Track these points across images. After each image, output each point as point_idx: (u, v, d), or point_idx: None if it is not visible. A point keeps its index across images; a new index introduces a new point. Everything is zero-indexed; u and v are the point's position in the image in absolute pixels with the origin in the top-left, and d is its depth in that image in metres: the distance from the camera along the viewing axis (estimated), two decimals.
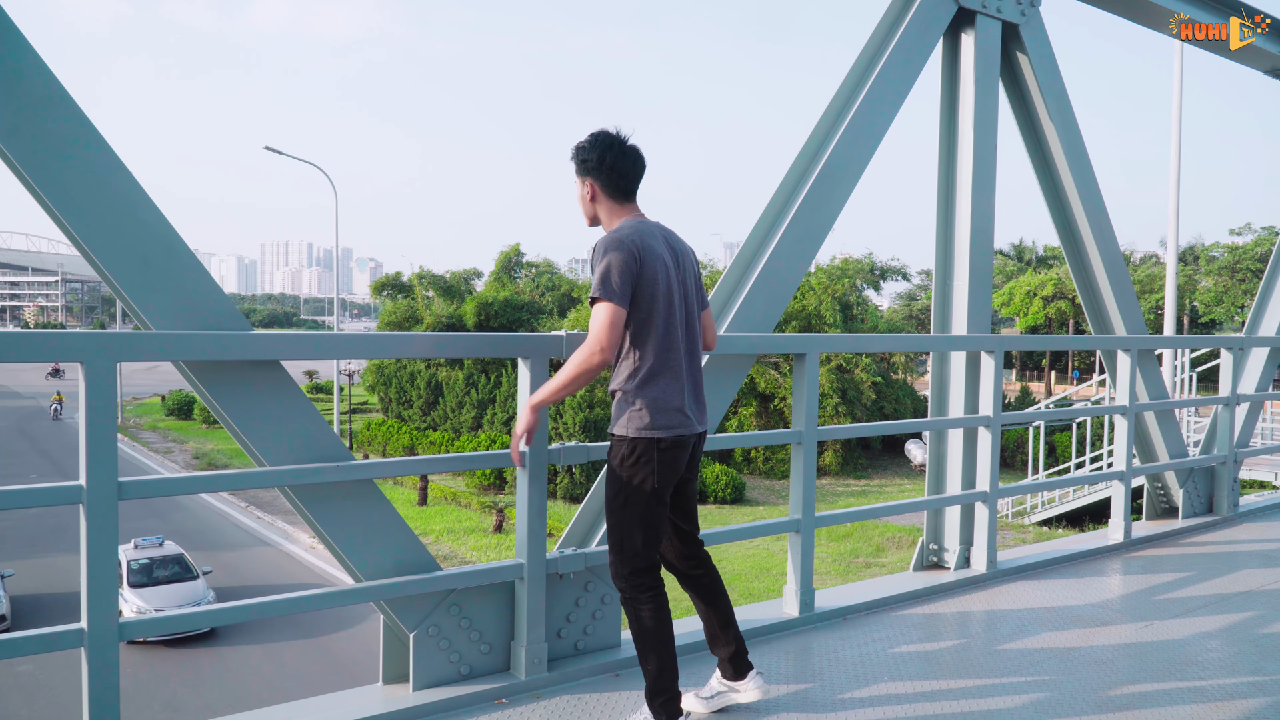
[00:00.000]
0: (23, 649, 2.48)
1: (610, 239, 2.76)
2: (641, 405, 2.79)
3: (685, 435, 2.85)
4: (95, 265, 2.62)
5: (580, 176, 2.92)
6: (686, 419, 2.85)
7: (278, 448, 2.83)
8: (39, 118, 2.48)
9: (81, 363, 2.44)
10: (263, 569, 21.06)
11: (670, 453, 2.82)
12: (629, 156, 2.88)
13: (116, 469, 2.50)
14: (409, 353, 3.14)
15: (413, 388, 37.27)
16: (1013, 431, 29.79)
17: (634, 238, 2.76)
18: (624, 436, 2.82)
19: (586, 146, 2.89)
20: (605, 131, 2.91)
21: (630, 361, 2.80)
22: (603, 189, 2.88)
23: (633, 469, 2.81)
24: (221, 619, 2.82)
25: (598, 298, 2.69)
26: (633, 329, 2.78)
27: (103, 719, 2.52)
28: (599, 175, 2.87)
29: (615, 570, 2.88)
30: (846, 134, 4.23)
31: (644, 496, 2.82)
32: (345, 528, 2.99)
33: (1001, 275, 53.66)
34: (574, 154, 2.92)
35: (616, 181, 2.87)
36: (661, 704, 2.84)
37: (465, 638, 3.20)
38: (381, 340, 3.28)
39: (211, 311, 2.76)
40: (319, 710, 3.00)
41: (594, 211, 2.93)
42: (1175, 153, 13.48)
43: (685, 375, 2.87)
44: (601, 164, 2.86)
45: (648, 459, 2.79)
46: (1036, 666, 3.62)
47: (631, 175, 2.89)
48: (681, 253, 2.95)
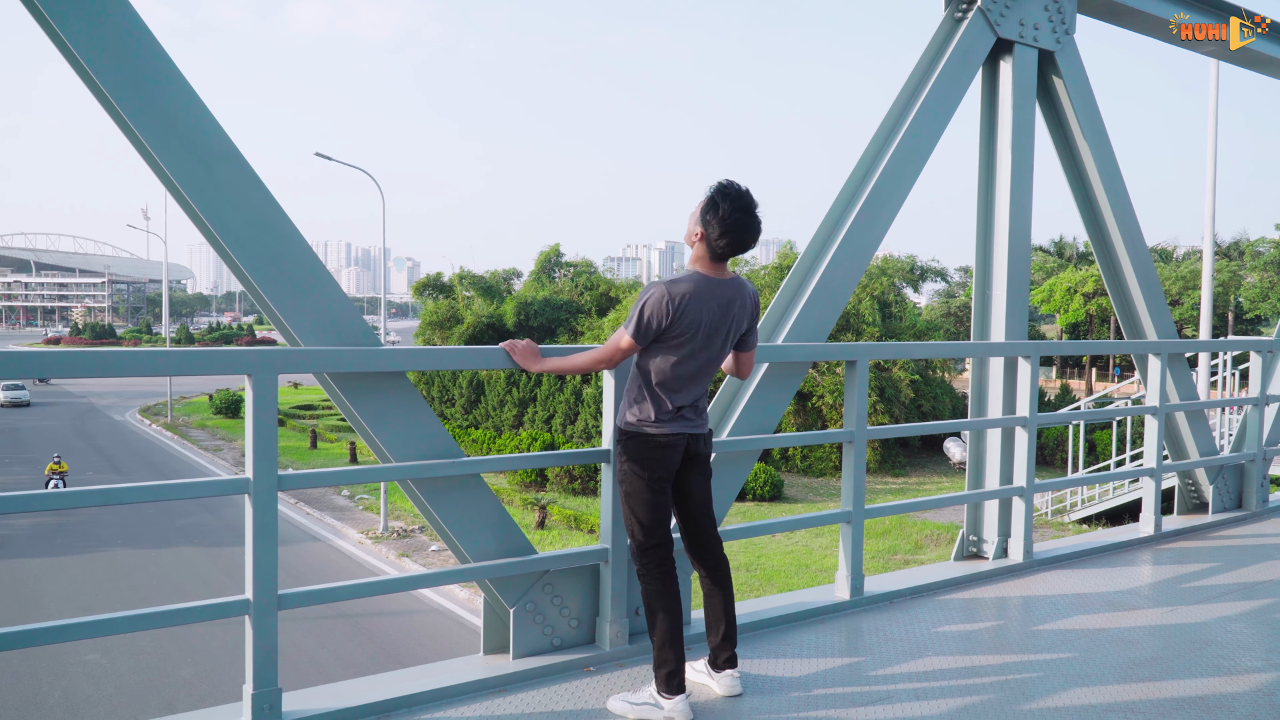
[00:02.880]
0: (197, 616, 2.96)
1: (661, 283, 3.16)
2: (645, 404, 3.24)
3: (676, 434, 3.24)
4: (253, 291, 3.08)
5: (701, 216, 3.16)
6: (684, 423, 3.26)
7: (403, 446, 3.28)
8: (214, 169, 2.95)
9: (249, 375, 2.90)
10: (314, 564, 21.70)
11: (660, 449, 3.23)
12: (745, 231, 3.13)
13: (276, 464, 2.96)
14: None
15: (455, 386, 37.96)
16: (1053, 430, 29.86)
17: (679, 291, 3.10)
18: (624, 427, 3.28)
19: (717, 202, 3.12)
20: (739, 194, 3.13)
21: (640, 371, 3.25)
22: (707, 243, 3.17)
23: (631, 459, 3.25)
24: (364, 592, 3.27)
25: (626, 328, 3.17)
26: (655, 358, 3.20)
27: (264, 676, 2.97)
28: (711, 232, 3.13)
29: (630, 550, 3.34)
30: (892, 160, 4.62)
31: (639, 486, 3.24)
32: (457, 516, 3.43)
33: (1042, 272, 53.43)
34: (710, 194, 3.15)
35: (720, 248, 3.15)
36: (665, 675, 3.19)
37: (557, 613, 3.63)
38: (485, 353, 3.69)
39: (349, 328, 3.22)
40: (432, 675, 3.43)
41: (691, 245, 3.26)
42: (1211, 155, 13.60)
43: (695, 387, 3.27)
44: (719, 226, 3.11)
45: (639, 451, 3.23)
46: (1067, 645, 3.99)
47: (736, 247, 3.15)
48: (731, 301, 3.22)
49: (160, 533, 24.14)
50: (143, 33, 2.89)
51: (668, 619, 3.22)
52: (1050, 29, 5.19)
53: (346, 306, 3.22)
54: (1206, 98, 14.14)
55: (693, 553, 3.45)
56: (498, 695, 3.34)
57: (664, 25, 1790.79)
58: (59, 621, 2.71)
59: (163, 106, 2.90)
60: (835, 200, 4.64)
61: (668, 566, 3.29)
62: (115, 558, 21.85)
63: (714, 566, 3.43)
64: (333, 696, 3.17)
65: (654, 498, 3.27)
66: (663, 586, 3.26)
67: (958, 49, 4.86)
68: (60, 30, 2.78)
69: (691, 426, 3.30)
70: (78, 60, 2.83)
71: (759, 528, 4.24)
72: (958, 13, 4.96)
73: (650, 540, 3.27)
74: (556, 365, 3.41)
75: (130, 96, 2.85)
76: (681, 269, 3.53)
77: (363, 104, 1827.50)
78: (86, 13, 2.81)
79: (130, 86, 2.85)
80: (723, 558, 3.45)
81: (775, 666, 3.66)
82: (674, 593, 3.28)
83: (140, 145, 2.92)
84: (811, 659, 3.75)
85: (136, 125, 2.86)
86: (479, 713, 3.20)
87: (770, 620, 4.11)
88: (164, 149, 2.89)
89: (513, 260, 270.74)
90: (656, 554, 3.28)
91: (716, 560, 3.44)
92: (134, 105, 2.86)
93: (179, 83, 2.94)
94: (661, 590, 3.25)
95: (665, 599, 3.24)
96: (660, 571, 3.27)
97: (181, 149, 2.92)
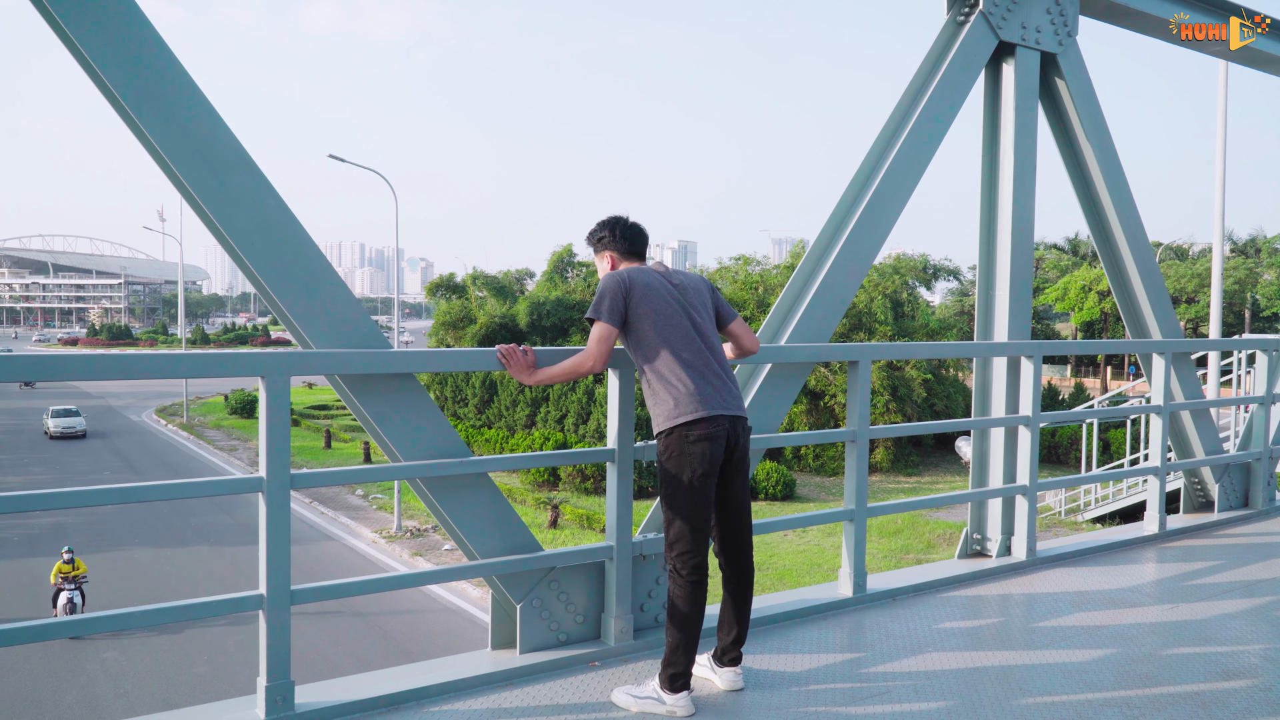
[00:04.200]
0: (213, 611, 3.05)
1: (605, 276, 3.36)
2: (667, 398, 3.24)
3: (712, 416, 3.21)
4: (266, 295, 3.17)
5: (599, 253, 3.53)
6: (714, 402, 3.25)
7: (411, 446, 3.37)
8: (227, 177, 3.04)
9: (262, 377, 2.99)
10: (329, 563, 21.85)
11: (700, 442, 3.20)
12: (635, 228, 3.51)
13: (289, 462, 3.04)
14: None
15: (468, 386, 38.12)
16: (1067, 429, 29.78)
17: (624, 273, 3.33)
18: (660, 431, 3.29)
19: (598, 229, 3.51)
20: (611, 216, 3.55)
21: (649, 371, 3.30)
22: (618, 254, 3.48)
23: (672, 459, 3.24)
24: (374, 588, 3.36)
25: (590, 318, 3.28)
26: (643, 343, 3.29)
27: (277, 669, 3.06)
28: (614, 246, 3.48)
29: (665, 550, 3.34)
30: (895, 162, 4.67)
31: (684, 485, 3.22)
32: (464, 514, 3.51)
33: (1056, 270, 53.19)
34: (589, 239, 3.54)
35: (629, 246, 3.48)
36: (670, 675, 3.23)
37: (563, 609, 3.71)
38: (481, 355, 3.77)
39: (359, 331, 3.30)
40: (440, 670, 3.51)
41: (613, 265, 3.51)
42: (1220, 152, 13.55)
43: (705, 367, 3.29)
44: (614, 235, 3.48)
45: (679, 447, 3.22)
46: (1067, 641, 4.04)
47: (639, 240, 3.51)
48: (682, 283, 3.42)
49: (176, 532, 24.35)
50: (157, 43, 2.98)
51: (686, 626, 3.24)
52: (1052, 31, 5.24)
53: (356, 309, 3.30)
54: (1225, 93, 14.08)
55: (725, 554, 3.46)
56: (504, 689, 3.41)
57: (675, 24, 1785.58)
58: (78, 616, 2.80)
59: (177, 116, 2.99)
60: (839, 202, 4.70)
61: (700, 575, 3.28)
62: (132, 556, 22.06)
63: (740, 572, 3.46)
64: (343, 689, 3.25)
65: (696, 497, 3.24)
66: (690, 593, 3.25)
67: (960, 52, 4.91)
68: (78, 42, 2.87)
69: (726, 407, 3.28)
70: (96, 72, 2.92)
71: (758, 526, 4.29)
72: (960, 16, 5.01)
73: (686, 547, 3.26)
74: (549, 375, 3.40)
75: (145, 107, 2.94)
76: (694, 267, 3.62)
77: (376, 104, 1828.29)
78: (103, 25, 2.90)
79: (145, 98, 2.94)
80: (750, 565, 3.47)
81: (777, 662, 3.73)
82: (700, 602, 3.27)
83: (156, 153, 3.02)
84: (813, 654, 3.82)
85: (152, 134, 2.95)
86: (486, 706, 3.28)
87: (773, 616, 4.17)
88: (179, 158, 2.99)
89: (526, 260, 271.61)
90: (691, 560, 3.27)
91: (744, 567, 3.46)
92: (150, 116, 2.95)
93: (193, 92, 3.03)
94: (688, 597, 3.25)
95: (689, 606, 3.24)
96: (693, 580, 3.26)
97: (195, 157, 3.01)
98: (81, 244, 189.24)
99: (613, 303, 3.27)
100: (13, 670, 14.96)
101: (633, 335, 3.33)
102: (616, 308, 3.27)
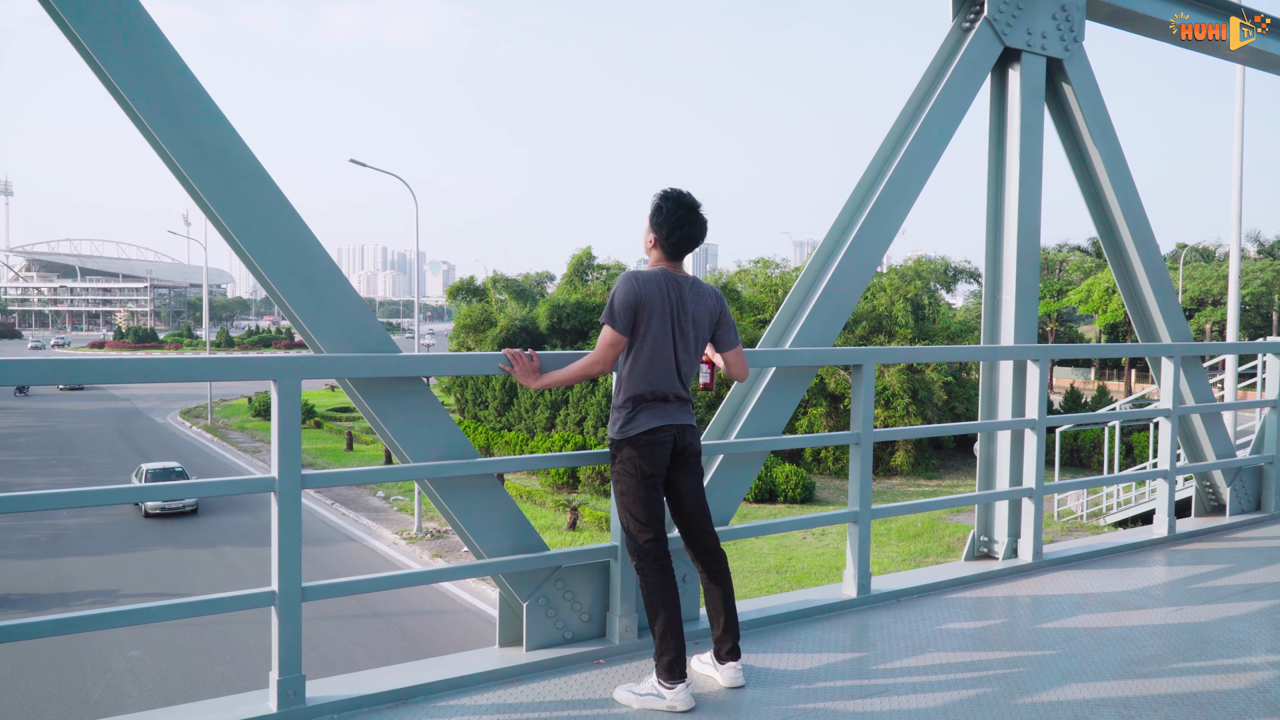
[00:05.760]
0: (226, 607, 3.15)
1: (624, 276, 3.40)
2: (624, 410, 3.41)
3: (661, 426, 3.39)
4: (279, 301, 3.27)
5: (649, 224, 3.46)
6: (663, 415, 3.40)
7: (420, 447, 3.46)
8: (241, 188, 3.14)
9: (275, 380, 3.09)
10: (350, 564, 22.06)
11: (649, 447, 3.38)
12: (693, 229, 3.42)
13: (300, 463, 3.14)
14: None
15: (488, 389, 38.32)
16: (1089, 432, 29.60)
17: (638, 285, 3.34)
18: (614, 437, 3.45)
19: (662, 207, 3.41)
20: (680, 198, 3.42)
21: (618, 381, 3.44)
22: (660, 244, 3.44)
23: (623, 463, 3.41)
24: (384, 585, 3.46)
25: (601, 322, 3.37)
26: (630, 354, 3.39)
27: (289, 664, 3.15)
28: (660, 232, 3.41)
29: (627, 545, 3.50)
30: (899, 169, 4.73)
31: (632, 485, 3.40)
32: (472, 513, 3.60)
33: (1079, 272, 52.83)
34: (653, 205, 3.44)
35: (672, 248, 3.43)
36: (666, 663, 3.34)
37: (569, 608, 3.79)
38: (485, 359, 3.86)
39: (368, 336, 3.40)
40: (448, 665, 3.59)
41: (648, 252, 3.54)
42: (1238, 155, 13.46)
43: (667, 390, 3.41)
44: (665, 227, 3.40)
45: (630, 453, 3.40)
46: (1069, 642, 4.08)
47: (688, 244, 3.43)
48: (691, 301, 3.44)
49: (200, 533, 24.65)
50: (175, 61, 3.09)
51: (666, 609, 3.37)
52: (1059, 37, 5.27)
53: (366, 315, 3.40)
54: (1242, 95, 14.00)
55: (691, 550, 3.59)
56: (511, 685, 3.50)
57: (698, 26, 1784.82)
58: (100, 610, 2.91)
59: (193, 130, 3.10)
60: (844, 207, 4.76)
61: (664, 561, 3.44)
62: (156, 556, 22.36)
63: (711, 562, 3.58)
64: (353, 684, 3.34)
65: (646, 494, 3.42)
66: (660, 580, 3.41)
67: (965, 59, 4.96)
68: (98, 59, 2.99)
69: (674, 418, 3.44)
70: (114, 87, 3.03)
71: (760, 527, 4.37)
72: (965, 23, 5.06)
73: (645, 536, 3.42)
74: (554, 379, 3.52)
75: (162, 122, 3.05)
76: (714, 270, 3.67)
77: (399, 108, 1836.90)
78: (121, 41, 3.01)
79: (162, 114, 3.05)
80: (720, 553, 3.60)
81: (779, 660, 3.79)
82: (671, 585, 3.42)
83: (173, 165, 3.12)
84: (815, 653, 3.88)
85: (169, 148, 3.06)
86: (492, 701, 3.36)
87: (777, 616, 4.24)
88: (194, 170, 3.09)
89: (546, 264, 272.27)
90: (653, 549, 3.42)
91: (714, 556, 3.58)
92: (166, 130, 3.06)
93: (208, 106, 3.13)
94: (659, 583, 3.40)
95: (663, 591, 3.39)
96: (658, 566, 3.42)
97: (211, 169, 3.12)
98: (108, 248, 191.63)
99: (625, 314, 3.35)
100: (40, 668, 15.22)
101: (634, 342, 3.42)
102: (628, 319, 3.36)
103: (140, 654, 16.00)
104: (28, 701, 14.17)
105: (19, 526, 24.42)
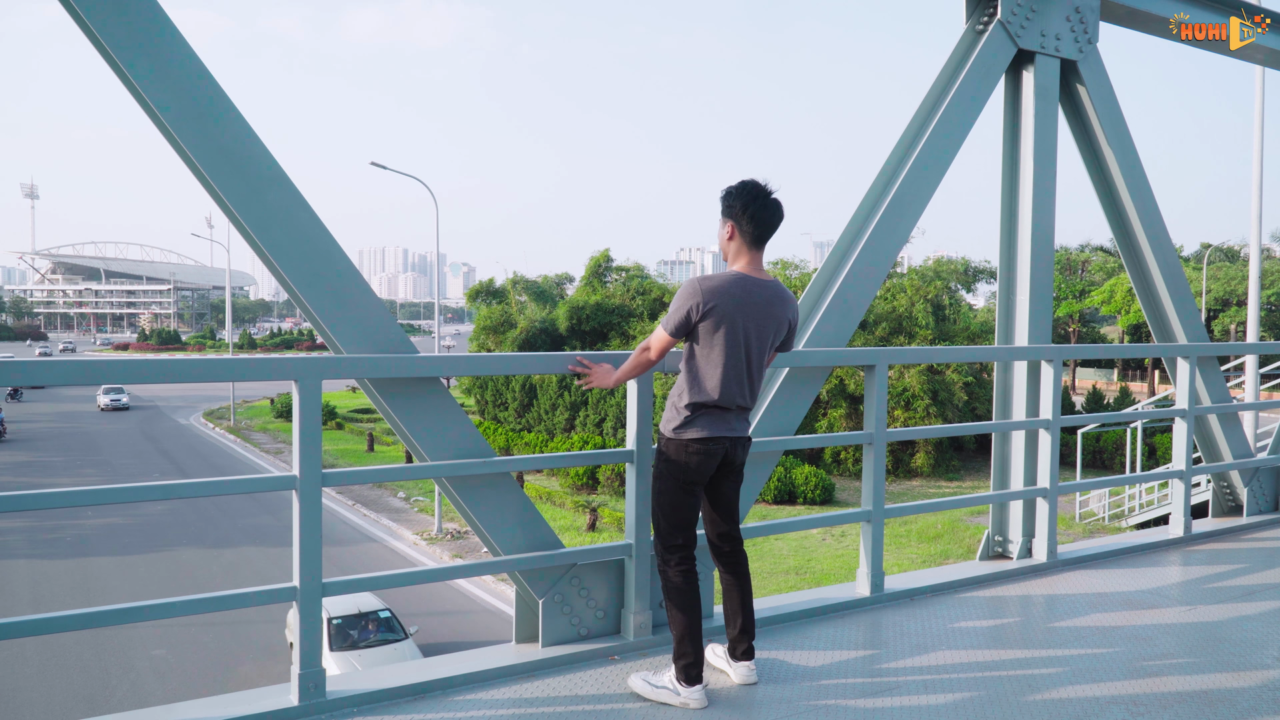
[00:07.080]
0: (249, 602, 3.22)
1: (693, 281, 3.32)
2: (684, 408, 3.37)
3: (715, 438, 3.36)
4: (300, 303, 3.35)
5: (724, 218, 3.39)
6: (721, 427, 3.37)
7: (438, 446, 3.53)
8: (264, 192, 3.22)
9: (295, 381, 3.16)
10: (371, 563, 22.22)
11: (697, 455, 3.35)
12: (769, 209, 3.34)
13: (320, 461, 3.21)
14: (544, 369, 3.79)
15: (508, 390, 38.47)
16: (1112, 433, 29.41)
17: (703, 291, 3.26)
18: (665, 431, 3.43)
19: (734, 193, 3.35)
20: (754, 182, 3.36)
21: (685, 373, 3.40)
22: (740, 232, 3.37)
23: (669, 461, 3.40)
24: (400, 581, 3.54)
25: (663, 326, 3.37)
26: (697, 358, 3.34)
27: (309, 658, 3.23)
28: (740, 220, 3.35)
29: (655, 543, 3.51)
30: (912, 171, 4.76)
31: (674, 485, 3.39)
32: (488, 511, 3.67)
33: (1102, 272, 52.42)
34: (723, 197, 3.39)
35: (753, 230, 3.35)
36: (684, 667, 3.36)
37: (584, 604, 3.85)
38: (515, 359, 3.94)
39: (387, 337, 3.47)
40: (466, 661, 3.66)
41: (726, 248, 3.44)
42: (1258, 155, 13.34)
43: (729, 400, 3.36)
44: (745, 211, 3.33)
45: (678, 454, 3.37)
46: (1080, 641, 4.10)
47: (767, 226, 3.36)
48: (769, 306, 3.36)
49: (223, 533, 24.90)
50: (197, 66, 3.17)
51: (687, 614, 3.38)
52: (1072, 39, 5.29)
53: (385, 316, 3.47)
54: (1262, 95, 13.90)
55: (714, 549, 3.63)
56: (527, 680, 3.56)
57: (717, 27, 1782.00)
58: (124, 604, 2.99)
59: (216, 135, 3.18)
60: (858, 207, 4.80)
61: (689, 564, 3.46)
62: (180, 556, 22.61)
63: (733, 563, 3.61)
64: (372, 678, 3.41)
65: (684, 499, 3.43)
66: (684, 583, 3.42)
67: (978, 61, 4.98)
68: (123, 65, 3.07)
69: (731, 430, 3.42)
70: (140, 93, 3.11)
71: (774, 526, 4.41)
72: (979, 25, 5.09)
73: (674, 539, 3.44)
74: (623, 374, 3.59)
75: (187, 127, 3.13)
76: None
77: (420, 110, 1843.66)
78: (146, 49, 3.09)
79: (186, 118, 3.13)
80: (742, 554, 3.63)
81: (792, 657, 3.83)
82: (694, 589, 3.44)
83: (197, 171, 3.20)
84: (827, 651, 3.91)
85: (194, 154, 3.14)
86: (508, 695, 3.43)
87: (791, 614, 4.28)
88: (218, 175, 3.17)
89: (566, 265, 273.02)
90: (680, 551, 3.44)
91: (736, 557, 3.62)
92: (190, 135, 3.14)
93: (231, 112, 3.21)
94: (682, 586, 3.42)
95: (685, 595, 3.41)
96: (682, 569, 3.44)
97: (233, 174, 3.20)
98: (132, 250, 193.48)
99: (679, 318, 3.30)
100: (65, 667, 15.44)
101: (691, 337, 3.38)
102: (682, 324, 3.31)
103: (164, 653, 16.20)
104: (53, 699, 14.38)
105: (43, 527, 24.74)
